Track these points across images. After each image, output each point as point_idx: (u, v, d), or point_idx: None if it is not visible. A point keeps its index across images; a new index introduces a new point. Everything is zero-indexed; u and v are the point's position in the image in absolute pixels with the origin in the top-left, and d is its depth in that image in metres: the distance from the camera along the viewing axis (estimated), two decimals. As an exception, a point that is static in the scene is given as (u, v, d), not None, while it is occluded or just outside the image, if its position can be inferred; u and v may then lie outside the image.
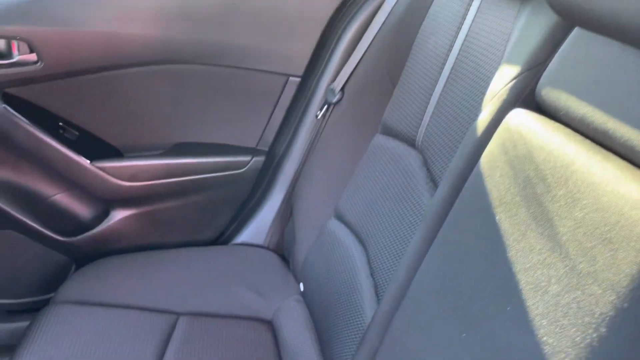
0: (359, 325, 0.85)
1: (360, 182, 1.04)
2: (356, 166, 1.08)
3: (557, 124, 0.53)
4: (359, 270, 0.92)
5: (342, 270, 0.98)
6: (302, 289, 1.19)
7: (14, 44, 1.07)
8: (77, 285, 1.16)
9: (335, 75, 1.24)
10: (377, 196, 0.95)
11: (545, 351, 0.41)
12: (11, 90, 1.11)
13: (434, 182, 0.80)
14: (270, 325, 1.18)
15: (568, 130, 0.51)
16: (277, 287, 1.25)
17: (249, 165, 1.30)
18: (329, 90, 1.24)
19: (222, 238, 1.40)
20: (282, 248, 1.39)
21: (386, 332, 0.68)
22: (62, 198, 1.25)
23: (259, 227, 1.38)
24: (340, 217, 1.07)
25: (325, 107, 1.24)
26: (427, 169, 0.82)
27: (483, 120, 0.62)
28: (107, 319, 1.06)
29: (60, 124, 1.19)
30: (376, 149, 1.03)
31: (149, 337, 1.04)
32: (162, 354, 1.02)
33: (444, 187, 0.68)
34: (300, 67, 1.23)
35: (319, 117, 1.26)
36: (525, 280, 0.45)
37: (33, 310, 1.14)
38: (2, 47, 1.07)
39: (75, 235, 1.26)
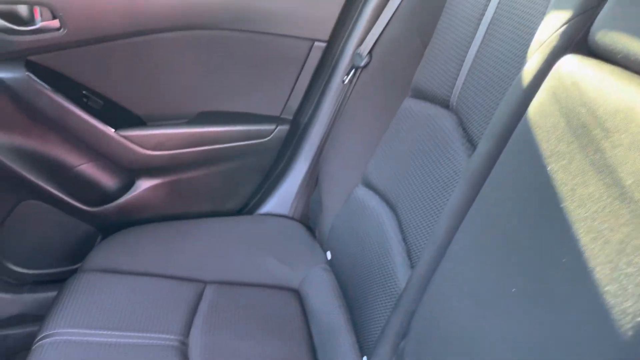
0: (392, 291, 0.83)
1: (389, 148, 1.02)
2: (385, 131, 1.05)
3: (614, 68, 0.49)
4: (390, 236, 0.90)
5: (372, 237, 0.96)
6: (329, 257, 1.17)
7: (37, 9, 1.05)
8: (104, 254, 1.16)
9: (362, 39, 1.20)
10: (408, 160, 0.93)
11: (607, 301, 0.39)
12: (34, 58, 1.09)
13: (470, 142, 0.77)
14: (297, 294, 1.17)
15: (627, 73, 0.48)
16: (303, 256, 1.24)
17: (273, 133, 1.28)
18: (356, 55, 1.21)
19: (247, 208, 1.39)
20: (307, 218, 1.37)
21: (423, 295, 0.66)
22: (88, 168, 1.25)
23: (283, 197, 1.36)
24: (368, 184, 1.05)
25: (352, 71, 1.21)
26: (463, 129, 0.79)
27: (529, 70, 0.59)
28: (134, 286, 1.06)
29: (84, 92, 1.18)
30: (406, 112, 1.00)
31: (177, 305, 1.04)
32: (190, 321, 1.02)
33: (485, 145, 0.65)
34: (325, 31, 1.20)
35: (345, 82, 1.23)
36: (584, 229, 0.43)
37: (60, 281, 1.14)
38: (25, 13, 1.05)
39: (101, 205, 1.26)
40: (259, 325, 1.04)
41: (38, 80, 1.09)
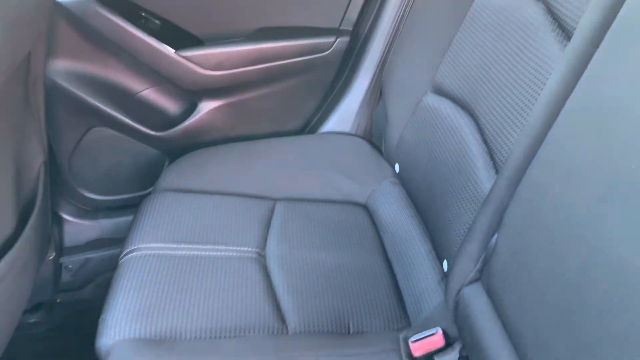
0: (474, 193, 0.81)
1: (462, 50, 0.96)
2: (455, 33, 1.00)
3: None
4: (468, 140, 0.87)
5: (447, 143, 0.93)
6: (397, 170, 1.16)
7: None
8: (175, 175, 1.18)
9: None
10: (486, 60, 0.88)
11: None
12: (92, -20, 1.08)
13: (562, 30, 0.71)
14: (365, 208, 1.17)
15: None
16: (370, 171, 1.23)
17: (333, 46, 1.23)
18: (419, -46, 1.13)
19: (309, 127, 1.37)
20: (370, 134, 1.35)
21: (518, 187, 0.63)
22: (151, 93, 1.25)
23: (345, 114, 1.34)
24: (439, 91, 1.01)
25: (415, -26, 1.14)
26: (552, 17, 0.74)
27: None
28: (207, 204, 1.08)
29: (142, 14, 1.16)
30: (480, 9, 0.93)
31: (250, 221, 1.06)
32: (265, 235, 1.04)
33: (584, 29, 0.60)
34: None
35: (407, -14, 1.16)
36: None
37: (133, 206, 1.18)
38: None
39: (167, 129, 1.27)
40: (331, 238, 1.05)
41: (97, 3, 1.08)
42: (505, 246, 0.63)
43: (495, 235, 0.66)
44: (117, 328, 0.80)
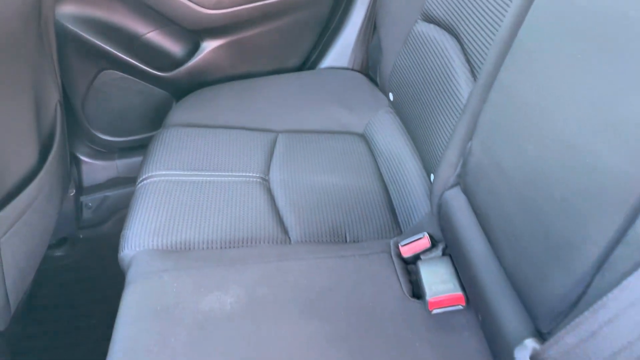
0: (456, 106, 0.88)
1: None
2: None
3: None
4: (452, 60, 0.93)
5: (435, 67, 0.99)
6: (391, 98, 1.22)
7: None
8: (182, 112, 1.25)
9: None
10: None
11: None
12: None
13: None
14: (362, 137, 1.24)
15: None
16: (366, 102, 1.29)
17: (327, -18, 1.28)
18: None
19: (308, 64, 1.43)
20: (366, 68, 1.40)
21: (488, 94, 0.70)
22: (155, 35, 1.31)
23: (342, 49, 1.39)
24: (428, 17, 1.06)
25: None
26: None
27: None
28: (214, 137, 1.16)
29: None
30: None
31: (255, 151, 1.14)
32: (268, 162, 1.11)
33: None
34: None
35: None
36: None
37: (145, 147, 1.25)
38: None
39: (172, 70, 1.34)
40: (330, 164, 1.13)
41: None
42: (479, 147, 0.70)
43: (471, 140, 0.73)
44: (136, 241, 0.90)
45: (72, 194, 1.35)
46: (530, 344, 0.53)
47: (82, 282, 1.38)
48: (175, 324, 0.74)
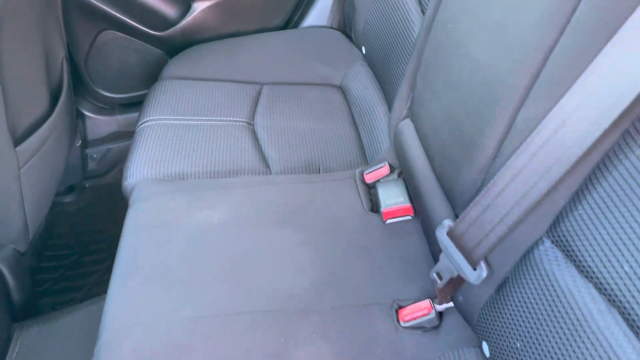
0: (411, 50, 1.01)
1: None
2: None
3: None
4: (410, 10, 1.05)
5: (398, 17, 1.12)
6: (364, 52, 1.35)
7: None
8: (176, 67, 1.38)
9: None
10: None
11: None
12: None
13: None
14: (339, 89, 1.37)
15: None
16: (343, 57, 1.42)
17: (307, -54, 1.39)
18: None
19: (291, 24, 1.55)
20: (343, 25, 1.53)
21: (428, 38, 0.83)
22: (150, -3, 1.43)
23: (322, 10, 1.51)
24: (394, -23, 1.18)
25: None
26: None
27: None
28: (206, 88, 1.29)
29: None
30: None
31: (242, 100, 1.27)
32: (254, 110, 1.25)
33: None
34: None
35: None
36: None
37: (142, 103, 1.38)
38: None
39: (166, 29, 1.46)
40: (308, 112, 1.26)
41: None
42: (421, 79, 0.84)
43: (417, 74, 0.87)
44: (137, 172, 1.04)
45: (78, 145, 1.49)
46: (447, 223, 0.68)
47: (89, 224, 1.53)
48: (172, 234, 0.89)
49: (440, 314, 0.78)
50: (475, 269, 0.64)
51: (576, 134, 0.51)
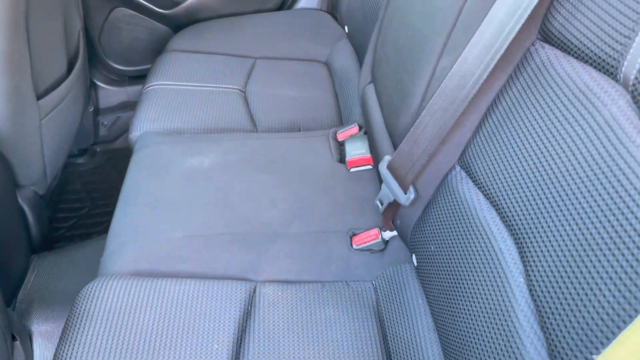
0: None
1: None
2: None
3: None
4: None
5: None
6: (347, 30, 1.50)
7: None
8: (180, 41, 1.55)
9: None
10: None
11: None
12: None
13: None
14: (325, 65, 1.53)
15: None
16: (329, 36, 1.58)
17: None
18: None
19: (285, 6, 1.71)
20: (331, 8, 1.69)
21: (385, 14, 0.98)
22: (158, -22, 1.60)
23: (313, -7, 1.68)
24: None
25: None
26: None
27: None
28: (206, 60, 1.46)
29: None
30: None
31: (237, 71, 1.43)
32: (247, 79, 1.41)
33: None
34: None
35: None
36: None
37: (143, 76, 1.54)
38: None
39: (172, 8, 1.63)
40: (296, 83, 1.42)
41: None
42: (380, 46, 1.00)
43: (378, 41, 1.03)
44: (141, 126, 1.21)
45: (91, 110, 1.67)
46: (387, 158, 0.83)
47: (99, 183, 1.71)
48: (168, 174, 1.06)
49: (385, 241, 0.93)
50: (406, 193, 0.80)
51: (473, 77, 0.67)
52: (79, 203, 1.62)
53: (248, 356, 0.78)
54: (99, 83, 1.74)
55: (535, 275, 0.54)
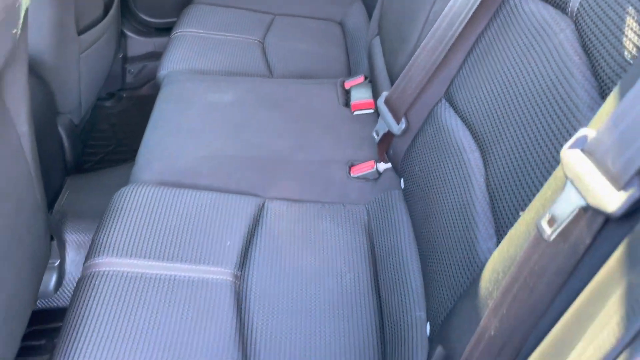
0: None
1: None
2: None
3: None
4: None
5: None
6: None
7: None
8: None
9: None
10: None
11: None
12: None
13: None
14: (339, 24, 1.64)
15: None
16: (345, -1, 1.69)
17: None
18: None
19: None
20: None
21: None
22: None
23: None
24: None
25: None
26: None
27: None
28: (228, 14, 1.58)
29: None
30: None
31: (257, 26, 1.55)
32: (265, 34, 1.53)
33: None
34: None
35: None
36: None
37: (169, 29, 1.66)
38: None
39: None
40: (311, 38, 1.54)
41: None
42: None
43: None
44: (169, 65, 1.34)
45: (120, 56, 1.80)
46: (384, 94, 0.96)
47: (124, 125, 1.85)
48: (191, 105, 1.19)
49: (379, 172, 1.06)
50: (398, 124, 0.92)
51: (459, 19, 0.79)
52: (105, 141, 1.76)
53: (255, 253, 0.91)
54: (128, 33, 1.87)
55: (492, 174, 0.67)
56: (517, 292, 0.46)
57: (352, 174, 1.06)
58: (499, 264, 0.52)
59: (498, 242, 0.60)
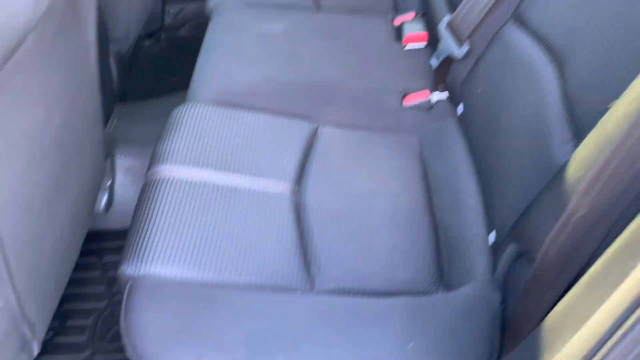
0: None
1: None
2: None
3: None
4: None
5: None
6: None
7: None
8: None
9: None
10: None
11: None
12: None
13: None
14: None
15: None
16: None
17: None
18: None
19: None
20: None
21: None
22: None
23: None
24: None
25: None
26: None
27: None
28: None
29: None
30: None
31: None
32: None
33: None
34: None
35: None
36: None
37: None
38: None
39: None
40: None
41: None
42: None
43: None
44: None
45: (161, -5, 1.80)
46: (446, 18, 0.95)
47: (163, 65, 1.86)
48: (243, 34, 1.19)
49: (432, 104, 1.06)
50: (461, 47, 0.92)
51: None
52: (146, 77, 1.78)
53: (312, 171, 0.92)
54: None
55: (572, 80, 0.67)
56: (615, 168, 0.47)
57: (405, 104, 1.06)
58: (588, 152, 0.53)
59: (576, 144, 0.60)
